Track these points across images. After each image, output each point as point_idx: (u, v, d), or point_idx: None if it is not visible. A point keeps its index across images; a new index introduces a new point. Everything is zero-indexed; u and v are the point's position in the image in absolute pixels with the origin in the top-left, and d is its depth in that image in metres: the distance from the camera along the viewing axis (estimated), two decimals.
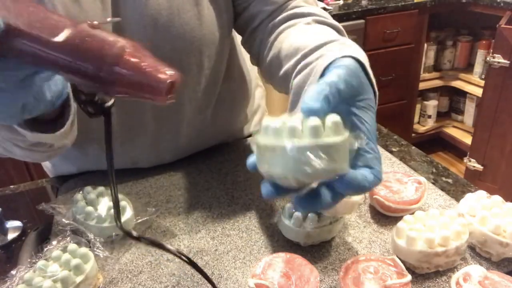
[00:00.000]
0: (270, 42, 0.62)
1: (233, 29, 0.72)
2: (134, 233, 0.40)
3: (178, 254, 0.40)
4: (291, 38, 0.57)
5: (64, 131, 0.49)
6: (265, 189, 0.35)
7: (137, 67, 0.31)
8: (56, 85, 0.41)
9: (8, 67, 0.33)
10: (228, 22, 0.68)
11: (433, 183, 0.67)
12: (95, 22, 0.32)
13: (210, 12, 0.64)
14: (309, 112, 0.33)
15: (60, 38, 0.30)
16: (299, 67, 0.50)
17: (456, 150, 2.54)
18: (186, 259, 0.41)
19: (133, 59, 0.31)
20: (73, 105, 0.49)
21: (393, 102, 2.29)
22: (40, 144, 0.54)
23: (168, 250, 0.40)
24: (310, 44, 0.50)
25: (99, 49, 0.30)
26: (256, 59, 0.68)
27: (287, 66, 0.54)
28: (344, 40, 0.50)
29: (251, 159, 0.36)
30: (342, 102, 0.37)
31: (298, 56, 0.51)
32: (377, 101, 0.43)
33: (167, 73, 0.32)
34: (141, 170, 0.74)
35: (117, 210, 0.39)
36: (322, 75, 0.41)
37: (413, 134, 2.54)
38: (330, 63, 0.41)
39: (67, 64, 0.31)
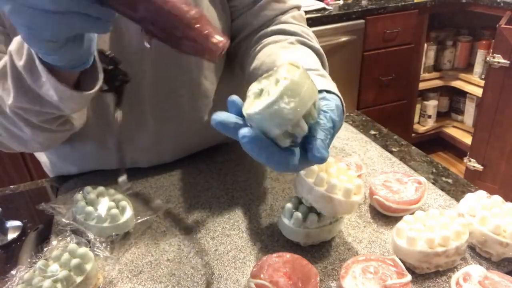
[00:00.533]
0: (253, 53, 0.64)
1: None
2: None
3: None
4: (273, 54, 0.59)
5: (87, 95, 0.49)
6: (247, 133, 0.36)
7: (202, 33, 0.39)
8: (91, 42, 0.44)
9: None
10: (226, 24, 0.68)
11: (433, 183, 0.67)
12: None
13: (210, 13, 0.64)
14: (322, 161, 0.38)
15: None
16: None
17: (456, 150, 2.54)
18: None
19: (199, 24, 0.39)
20: (101, 72, 0.50)
21: (393, 102, 2.29)
22: (51, 121, 0.53)
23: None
24: None
25: (180, 11, 0.39)
26: (240, 67, 0.71)
27: None
28: (322, 72, 0.53)
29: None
30: None
31: None
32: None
33: (221, 40, 0.40)
34: (141, 170, 0.74)
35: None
36: None
37: (413, 134, 2.54)
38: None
39: (153, 16, 0.39)
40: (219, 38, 0.40)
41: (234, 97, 0.39)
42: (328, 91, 0.46)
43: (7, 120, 0.54)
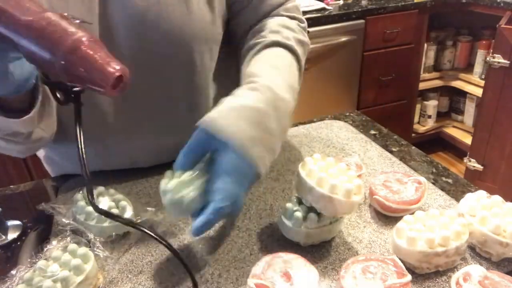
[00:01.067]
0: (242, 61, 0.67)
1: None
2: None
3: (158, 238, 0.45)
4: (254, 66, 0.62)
5: (30, 118, 0.50)
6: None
7: (89, 59, 0.34)
8: (23, 69, 0.42)
9: None
10: (221, 18, 0.68)
11: (433, 183, 0.67)
12: (65, 14, 0.35)
13: (200, 9, 0.64)
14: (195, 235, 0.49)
15: (27, 17, 0.34)
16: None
17: (456, 150, 2.54)
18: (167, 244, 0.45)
19: (87, 51, 0.34)
20: (40, 95, 0.50)
21: (393, 102, 2.29)
22: (14, 134, 0.54)
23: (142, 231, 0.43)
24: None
25: (59, 36, 0.34)
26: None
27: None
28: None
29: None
30: None
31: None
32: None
33: (115, 67, 0.35)
34: (141, 170, 0.74)
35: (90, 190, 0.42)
36: None
37: (413, 134, 2.54)
38: None
39: (27, 44, 0.34)
40: (112, 64, 0.35)
41: None
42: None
43: None
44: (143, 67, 0.63)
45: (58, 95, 0.43)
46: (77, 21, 0.37)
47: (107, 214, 0.41)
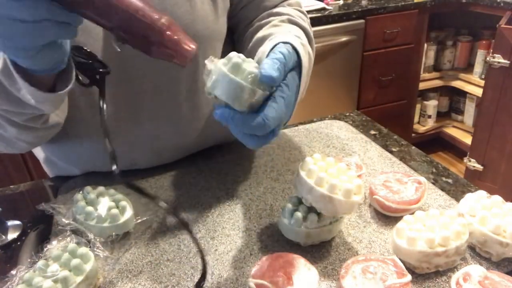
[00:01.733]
0: (249, 34, 0.69)
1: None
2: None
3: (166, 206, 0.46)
4: (264, 36, 0.63)
5: (64, 93, 0.51)
6: (220, 110, 0.44)
7: (173, 41, 0.41)
8: (66, 47, 0.45)
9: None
10: (224, 15, 0.69)
11: (433, 183, 0.67)
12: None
13: (203, 7, 0.64)
14: (270, 80, 0.44)
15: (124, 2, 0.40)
16: (261, 32, 0.63)
17: (456, 150, 2.54)
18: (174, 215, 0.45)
19: (170, 32, 0.41)
20: (74, 74, 0.51)
21: (393, 102, 2.29)
22: (35, 119, 0.55)
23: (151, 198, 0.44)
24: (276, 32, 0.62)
25: (154, 14, 0.41)
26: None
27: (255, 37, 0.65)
28: (304, 41, 0.58)
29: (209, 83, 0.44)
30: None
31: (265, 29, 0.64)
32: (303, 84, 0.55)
33: (192, 46, 0.42)
34: (141, 170, 0.74)
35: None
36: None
37: (413, 134, 2.54)
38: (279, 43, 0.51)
39: (125, 24, 0.40)
40: (189, 44, 0.42)
41: None
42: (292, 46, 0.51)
43: None
44: (146, 67, 0.63)
45: (80, 78, 0.51)
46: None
47: (131, 186, 0.45)
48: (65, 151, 0.71)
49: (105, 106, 0.53)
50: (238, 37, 0.74)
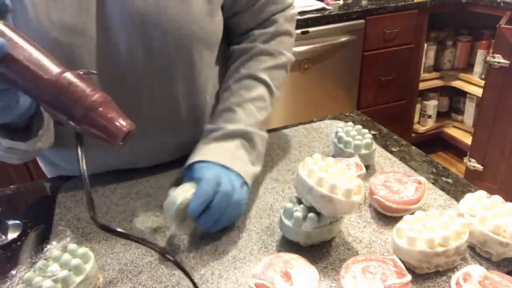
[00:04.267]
0: (224, 86, 0.73)
1: None
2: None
3: (157, 249, 0.43)
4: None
5: (36, 140, 0.53)
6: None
7: (103, 119, 0.38)
8: (25, 100, 0.45)
9: None
10: (220, 17, 0.69)
11: (433, 183, 0.67)
12: (81, 72, 0.40)
13: (199, 8, 0.64)
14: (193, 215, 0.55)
15: (50, 77, 0.38)
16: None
17: (456, 150, 2.54)
18: (169, 257, 0.43)
19: (102, 112, 0.38)
20: (45, 116, 0.54)
21: (393, 102, 2.29)
22: (15, 149, 0.55)
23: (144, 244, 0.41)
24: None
25: (79, 96, 0.38)
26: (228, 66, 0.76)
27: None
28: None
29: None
30: None
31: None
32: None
33: (125, 125, 0.40)
34: (141, 170, 0.74)
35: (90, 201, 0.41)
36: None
37: (413, 134, 2.53)
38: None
39: (48, 99, 0.38)
40: (122, 122, 0.40)
41: None
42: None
43: None
44: (142, 68, 0.63)
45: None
46: (85, 71, 0.41)
47: (108, 229, 0.40)
48: (62, 153, 0.71)
49: (83, 157, 0.44)
50: (235, 41, 0.76)
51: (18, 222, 0.64)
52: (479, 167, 2.09)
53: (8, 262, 0.57)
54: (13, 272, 0.48)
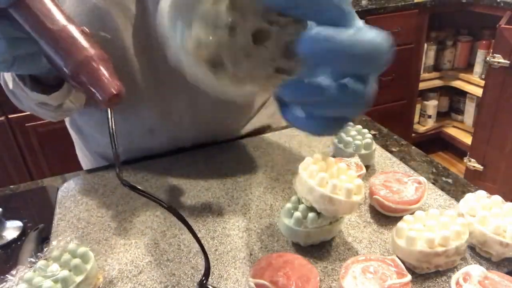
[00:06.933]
0: None
1: None
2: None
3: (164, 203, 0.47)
4: None
5: (59, 95, 0.55)
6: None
7: (94, 75, 0.39)
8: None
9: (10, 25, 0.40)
10: None
11: (433, 183, 0.67)
12: (86, 30, 0.41)
13: None
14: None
15: (53, 27, 0.39)
16: None
17: (456, 150, 2.55)
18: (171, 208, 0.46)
19: (94, 68, 0.39)
20: None
21: (393, 102, 2.29)
22: (46, 104, 0.58)
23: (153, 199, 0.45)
24: None
25: (75, 49, 0.39)
26: None
27: None
28: None
29: None
30: None
31: None
32: None
33: (114, 87, 0.40)
34: (141, 170, 0.74)
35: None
36: None
37: (413, 134, 2.54)
38: None
39: (46, 48, 0.40)
40: (113, 82, 0.40)
41: None
42: None
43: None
44: (143, 59, 0.65)
45: None
46: (102, 34, 0.45)
47: (134, 188, 0.44)
48: (96, 119, 0.74)
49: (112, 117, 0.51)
50: None
51: (18, 222, 0.64)
52: (479, 167, 2.09)
53: (8, 262, 0.57)
54: (13, 272, 0.48)
